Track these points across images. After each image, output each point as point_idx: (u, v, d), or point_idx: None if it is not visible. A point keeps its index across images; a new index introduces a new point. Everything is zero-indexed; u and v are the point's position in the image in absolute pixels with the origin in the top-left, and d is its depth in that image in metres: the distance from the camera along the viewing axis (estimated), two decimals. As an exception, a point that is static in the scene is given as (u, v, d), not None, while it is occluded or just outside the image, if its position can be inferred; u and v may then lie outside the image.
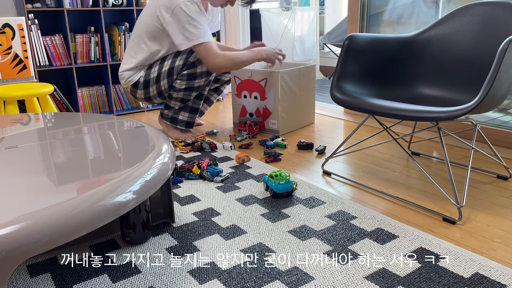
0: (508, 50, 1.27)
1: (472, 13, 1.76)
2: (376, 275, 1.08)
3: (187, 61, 2.09)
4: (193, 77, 2.11)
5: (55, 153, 1.16)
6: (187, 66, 2.10)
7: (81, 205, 0.84)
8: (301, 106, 2.51)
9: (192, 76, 2.11)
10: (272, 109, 2.36)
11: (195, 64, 2.09)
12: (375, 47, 1.80)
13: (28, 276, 1.11)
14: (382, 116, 1.48)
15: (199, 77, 2.12)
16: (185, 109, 2.26)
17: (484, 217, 1.39)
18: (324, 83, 4.31)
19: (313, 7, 4.39)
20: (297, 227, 1.33)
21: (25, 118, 1.59)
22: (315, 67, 2.57)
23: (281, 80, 2.28)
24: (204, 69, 2.11)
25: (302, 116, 2.53)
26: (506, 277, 1.06)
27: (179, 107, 2.24)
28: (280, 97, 2.32)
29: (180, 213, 1.45)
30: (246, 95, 2.44)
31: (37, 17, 2.75)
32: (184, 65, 2.10)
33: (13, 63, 2.40)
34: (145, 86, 2.19)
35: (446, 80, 1.80)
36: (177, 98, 2.19)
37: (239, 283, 1.06)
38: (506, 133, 2.04)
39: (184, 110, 2.26)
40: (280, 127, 2.37)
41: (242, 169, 1.84)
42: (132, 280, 1.08)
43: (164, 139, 1.27)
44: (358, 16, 2.67)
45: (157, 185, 1.03)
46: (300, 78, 2.43)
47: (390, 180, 1.71)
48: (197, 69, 2.09)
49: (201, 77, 2.12)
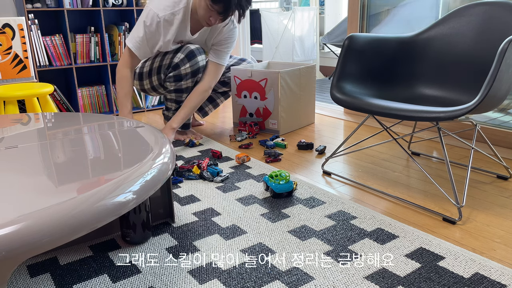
0: (508, 50, 1.27)
1: (472, 13, 1.76)
2: (376, 275, 1.08)
3: (172, 62, 2.10)
4: (179, 78, 2.12)
5: (55, 153, 1.16)
6: (171, 67, 2.11)
7: (81, 205, 0.84)
8: (302, 106, 2.50)
9: (178, 78, 2.12)
10: (272, 109, 2.36)
11: (178, 65, 2.09)
12: (375, 47, 1.80)
13: (28, 276, 1.11)
14: (382, 116, 1.48)
15: (184, 78, 2.12)
16: None
17: (484, 217, 1.39)
18: (324, 83, 4.31)
19: (313, 7, 4.39)
20: (297, 227, 1.33)
21: (25, 118, 1.59)
22: (315, 67, 2.55)
23: (281, 80, 2.28)
24: (188, 70, 2.11)
25: (302, 116, 2.53)
26: (506, 277, 1.06)
27: (175, 108, 2.26)
28: (280, 97, 2.31)
29: (180, 213, 1.45)
30: (246, 95, 2.44)
31: (37, 17, 2.75)
32: (169, 65, 2.12)
33: (13, 63, 2.39)
34: (139, 78, 2.24)
35: (446, 80, 1.80)
36: (171, 99, 2.23)
37: (239, 283, 1.06)
38: (506, 133, 2.04)
39: None
40: (280, 127, 2.37)
41: (242, 169, 1.84)
42: (132, 280, 1.08)
43: (164, 139, 1.27)
44: (358, 16, 2.67)
45: (157, 185, 1.03)
46: (301, 78, 2.43)
47: (390, 180, 1.71)
48: (181, 71, 2.10)
49: (186, 78, 2.12)
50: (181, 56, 2.09)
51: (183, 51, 2.10)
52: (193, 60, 2.10)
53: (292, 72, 2.36)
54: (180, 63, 2.09)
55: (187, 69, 2.10)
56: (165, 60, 2.13)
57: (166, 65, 2.12)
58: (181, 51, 2.10)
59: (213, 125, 2.64)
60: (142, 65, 2.22)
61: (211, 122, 2.71)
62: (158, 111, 3.06)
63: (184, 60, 2.09)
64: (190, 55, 2.10)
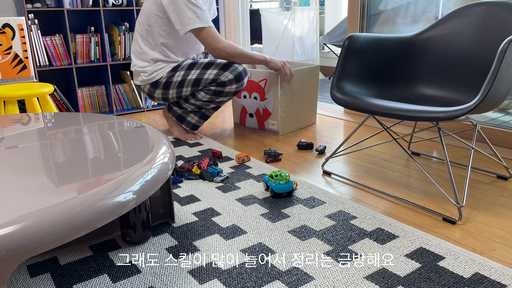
0: (508, 50, 1.27)
1: (472, 13, 1.76)
2: (376, 275, 1.08)
3: (218, 79, 2.06)
4: (219, 94, 2.10)
5: (55, 153, 1.16)
6: (216, 83, 2.07)
7: (81, 205, 0.84)
8: (302, 107, 2.49)
9: (218, 93, 2.09)
10: (272, 110, 2.35)
11: (225, 84, 2.07)
12: (375, 47, 1.80)
13: (28, 276, 1.11)
14: (382, 116, 1.48)
15: (225, 95, 2.11)
16: (197, 113, 2.25)
17: (484, 217, 1.39)
18: (324, 83, 4.31)
19: (313, 7, 4.39)
20: (297, 227, 1.33)
21: (25, 118, 1.59)
22: (318, 68, 2.54)
23: (280, 80, 2.28)
24: (233, 90, 2.09)
25: (303, 117, 2.51)
26: (506, 277, 1.06)
27: (192, 110, 2.23)
28: (280, 98, 2.30)
29: (180, 213, 1.45)
30: (246, 95, 2.44)
31: (37, 17, 2.75)
32: (214, 80, 2.07)
33: (13, 63, 2.40)
34: (165, 87, 2.13)
35: (446, 80, 1.80)
36: (194, 104, 2.17)
37: (239, 283, 1.06)
38: (506, 133, 2.04)
39: (195, 113, 2.25)
40: (280, 128, 2.37)
41: (242, 169, 1.84)
42: (132, 280, 1.08)
43: (164, 139, 1.27)
44: (358, 16, 2.67)
45: (157, 185, 1.03)
46: (302, 78, 2.41)
47: (390, 180, 1.71)
48: (226, 89, 2.08)
49: (227, 95, 2.12)
50: (230, 77, 2.06)
51: (231, 71, 2.05)
52: (240, 82, 2.09)
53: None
54: (228, 83, 2.07)
55: (232, 89, 2.09)
56: (206, 74, 2.06)
57: (209, 80, 2.06)
58: (229, 70, 2.05)
59: (213, 125, 2.64)
60: (169, 75, 2.12)
61: (211, 122, 2.71)
62: (158, 111, 3.06)
63: (232, 81, 2.07)
64: (239, 77, 2.07)
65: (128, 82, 3.01)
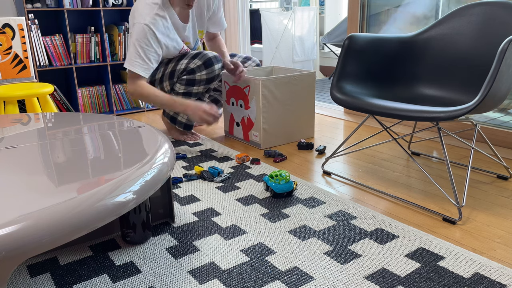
0: (508, 50, 1.27)
1: (472, 13, 1.76)
2: (376, 275, 1.08)
3: (187, 67, 2.10)
4: (191, 83, 2.11)
5: (55, 153, 1.16)
6: (186, 72, 2.10)
7: (81, 205, 0.84)
8: (293, 119, 2.21)
9: (191, 82, 2.11)
10: (254, 120, 2.13)
11: (194, 71, 2.09)
12: (375, 47, 1.80)
13: (28, 276, 1.11)
14: (382, 116, 1.48)
15: (197, 83, 2.11)
16: None
17: (484, 217, 1.39)
18: (324, 83, 4.31)
19: (313, 7, 4.39)
20: (297, 227, 1.33)
21: (25, 118, 1.59)
22: (314, 75, 2.23)
23: (262, 88, 2.03)
24: (204, 77, 2.10)
25: (294, 130, 2.23)
26: (506, 277, 1.06)
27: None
28: (262, 107, 2.06)
29: (180, 213, 1.45)
30: (233, 102, 2.27)
31: (37, 17, 2.75)
32: (185, 69, 2.11)
33: (13, 63, 2.40)
34: (151, 84, 2.22)
35: (446, 80, 1.80)
36: None
37: (239, 283, 1.06)
38: (506, 133, 2.04)
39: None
40: (262, 141, 2.12)
41: (242, 169, 1.84)
42: (132, 280, 1.08)
43: (164, 139, 1.27)
44: (358, 16, 2.67)
45: (157, 185, 1.03)
46: (291, 86, 2.14)
47: (390, 180, 1.71)
48: (196, 76, 2.09)
49: (199, 84, 2.12)
50: (198, 63, 2.08)
51: (200, 57, 2.09)
52: (210, 68, 2.09)
53: (278, 80, 2.07)
54: (197, 69, 2.08)
55: (203, 75, 2.09)
56: (179, 65, 2.12)
57: (181, 70, 2.11)
58: (198, 57, 2.09)
59: (213, 125, 2.64)
60: (154, 73, 2.21)
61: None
62: (158, 111, 3.06)
63: (201, 67, 2.08)
64: (208, 62, 2.08)
65: (128, 82, 3.01)
